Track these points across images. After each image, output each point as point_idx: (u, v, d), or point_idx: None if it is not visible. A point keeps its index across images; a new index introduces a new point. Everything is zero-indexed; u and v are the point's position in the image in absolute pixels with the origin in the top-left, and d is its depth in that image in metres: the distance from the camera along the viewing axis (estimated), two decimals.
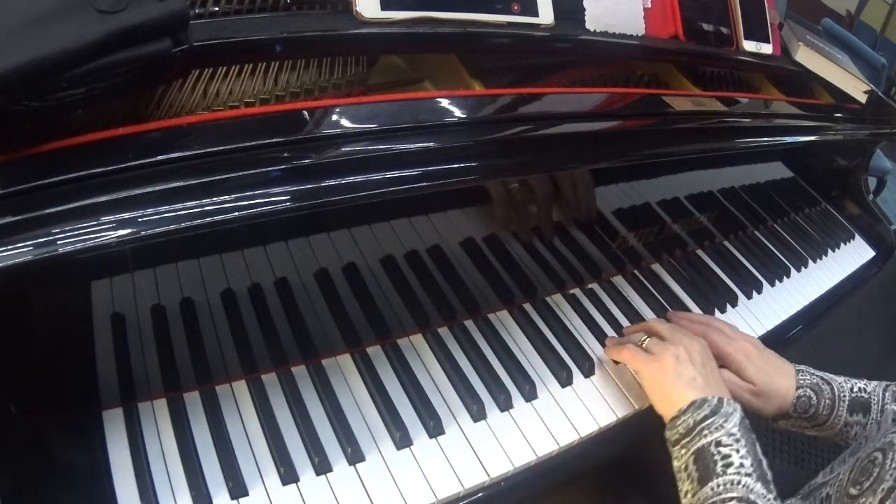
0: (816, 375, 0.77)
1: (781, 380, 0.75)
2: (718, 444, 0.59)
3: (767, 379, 0.75)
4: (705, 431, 0.61)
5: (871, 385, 0.77)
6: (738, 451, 0.59)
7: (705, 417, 0.61)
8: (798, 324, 0.98)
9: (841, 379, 0.77)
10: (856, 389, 0.76)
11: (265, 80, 0.65)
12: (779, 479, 0.61)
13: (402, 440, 0.63)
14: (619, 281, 0.90)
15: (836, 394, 0.75)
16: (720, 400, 0.63)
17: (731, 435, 0.60)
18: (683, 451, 0.61)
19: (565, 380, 0.73)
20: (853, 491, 0.57)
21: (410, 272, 0.70)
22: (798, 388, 0.75)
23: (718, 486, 0.58)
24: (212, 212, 0.49)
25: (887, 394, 0.77)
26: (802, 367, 0.78)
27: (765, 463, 0.60)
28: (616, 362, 0.77)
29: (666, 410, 0.65)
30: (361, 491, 0.59)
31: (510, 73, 0.80)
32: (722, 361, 0.75)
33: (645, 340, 0.72)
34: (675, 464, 0.62)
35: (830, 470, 0.70)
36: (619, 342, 0.77)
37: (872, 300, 1.30)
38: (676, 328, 0.73)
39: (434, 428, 0.65)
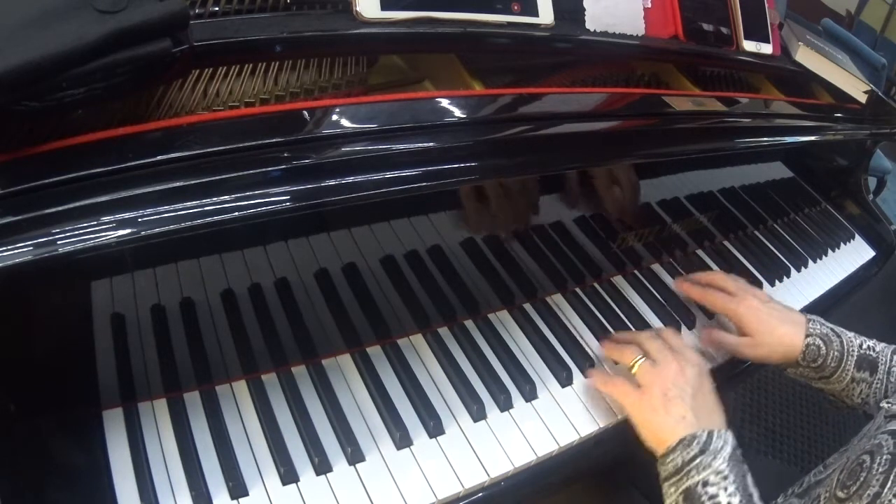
0: (827, 326, 0.78)
1: (786, 328, 0.78)
2: (706, 483, 0.59)
3: (769, 329, 0.78)
4: (693, 472, 0.60)
5: (881, 346, 0.79)
6: (725, 488, 0.58)
7: (694, 457, 0.60)
8: None
9: (851, 334, 0.79)
10: (865, 347, 0.78)
11: (265, 80, 0.65)
12: (779, 479, 0.61)
13: (402, 440, 0.63)
14: (619, 281, 0.90)
15: (846, 347, 0.77)
16: (710, 435, 0.61)
17: (718, 473, 0.59)
18: (673, 490, 0.61)
19: (565, 380, 0.73)
20: (841, 494, 0.57)
21: (410, 272, 0.70)
22: (807, 336, 0.77)
23: None
24: (212, 212, 0.49)
25: (895, 357, 0.77)
26: (814, 316, 0.80)
27: (756, 495, 0.60)
28: (616, 362, 0.77)
29: (656, 446, 0.64)
30: (361, 491, 0.59)
31: (510, 73, 0.80)
32: (727, 317, 0.82)
33: (639, 361, 0.69)
34: (666, 501, 0.62)
35: (825, 467, 0.70)
36: (617, 347, 0.75)
37: (872, 300, 1.30)
38: (667, 349, 0.70)
39: (434, 428, 0.65)
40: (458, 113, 0.65)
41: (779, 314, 0.79)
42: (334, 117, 0.58)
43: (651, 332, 0.75)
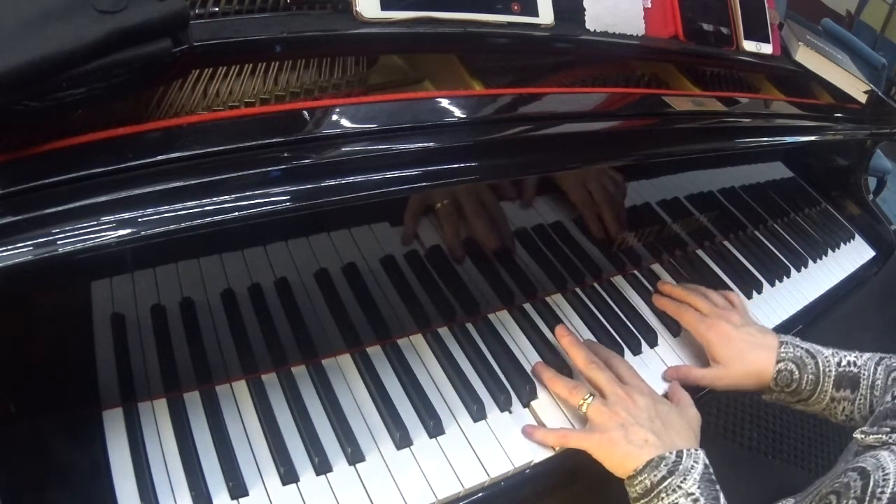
0: (801, 348, 0.75)
1: (756, 354, 0.75)
2: None
3: (738, 356, 0.75)
4: (662, 494, 0.58)
5: (863, 358, 0.75)
6: None
7: (663, 478, 0.59)
8: (798, 324, 0.98)
9: (829, 352, 0.75)
10: (844, 363, 0.74)
11: (265, 80, 0.65)
12: (779, 479, 0.61)
13: (402, 440, 0.63)
14: (619, 281, 0.90)
15: (821, 368, 0.74)
16: (679, 455, 0.60)
17: (689, 495, 0.57)
18: None
19: None
20: None
21: (410, 272, 0.70)
22: (778, 361, 0.74)
23: None
24: (212, 212, 0.49)
25: (880, 368, 0.74)
26: (788, 338, 0.77)
27: None
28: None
29: (623, 474, 0.62)
30: (361, 491, 0.59)
31: (510, 73, 0.80)
32: (697, 338, 0.80)
33: (588, 401, 0.66)
34: None
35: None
36: (562, 383, 0.70)
37: (872, 300, 1.30)
38: (615, 382, 0.67)
39: (434, 428, 0.65)
40: (458, 113, 0.65)
41: (751, 339, 0.76)
42: (334, 117, 0.58)
43: (596, 363, 0.70)
